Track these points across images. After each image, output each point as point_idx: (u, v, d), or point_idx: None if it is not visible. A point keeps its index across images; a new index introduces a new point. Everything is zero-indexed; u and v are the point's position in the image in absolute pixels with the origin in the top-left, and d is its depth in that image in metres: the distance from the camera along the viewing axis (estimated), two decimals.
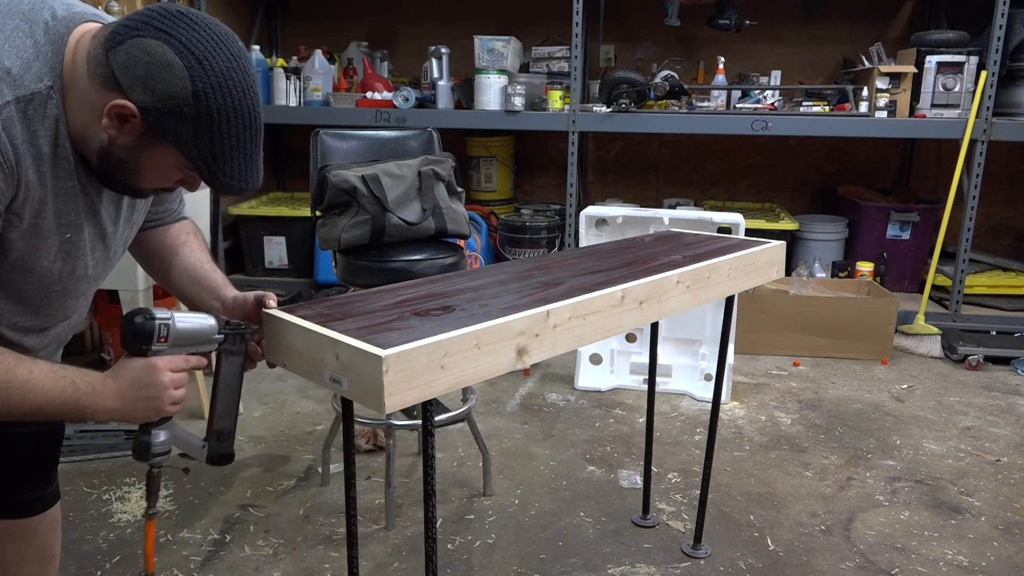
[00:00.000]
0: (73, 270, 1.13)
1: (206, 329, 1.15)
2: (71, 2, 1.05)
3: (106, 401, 1.07)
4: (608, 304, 1.37)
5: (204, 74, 0.96)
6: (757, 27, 4.29)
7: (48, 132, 1.00)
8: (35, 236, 1.04)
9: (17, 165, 0.97)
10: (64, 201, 1.05)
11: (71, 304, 1.19)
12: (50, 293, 1.13)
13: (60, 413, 1.06)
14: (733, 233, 2.95)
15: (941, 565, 2.08)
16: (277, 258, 4.40)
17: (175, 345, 1.11)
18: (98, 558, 2.04)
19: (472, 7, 4.68)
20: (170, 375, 1.10)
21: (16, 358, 1.02)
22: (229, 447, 1.22)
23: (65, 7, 1.03)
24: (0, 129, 0.94)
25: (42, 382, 1.02)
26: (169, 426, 1.15)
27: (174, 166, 1.03)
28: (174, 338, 1.11)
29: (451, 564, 2.05)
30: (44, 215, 1.03)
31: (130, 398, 1.08)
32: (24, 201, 1.00)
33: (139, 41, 0.95)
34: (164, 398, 1.10)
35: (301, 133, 3.39)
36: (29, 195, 1.00)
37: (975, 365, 3.56)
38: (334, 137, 2.51)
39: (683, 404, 3.14)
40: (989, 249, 4.49)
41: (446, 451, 2.68)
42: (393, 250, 2.32)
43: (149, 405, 1.10)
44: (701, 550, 2.11)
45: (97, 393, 1.07)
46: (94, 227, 1.13)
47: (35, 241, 1.05)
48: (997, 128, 3.69)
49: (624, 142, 4.86)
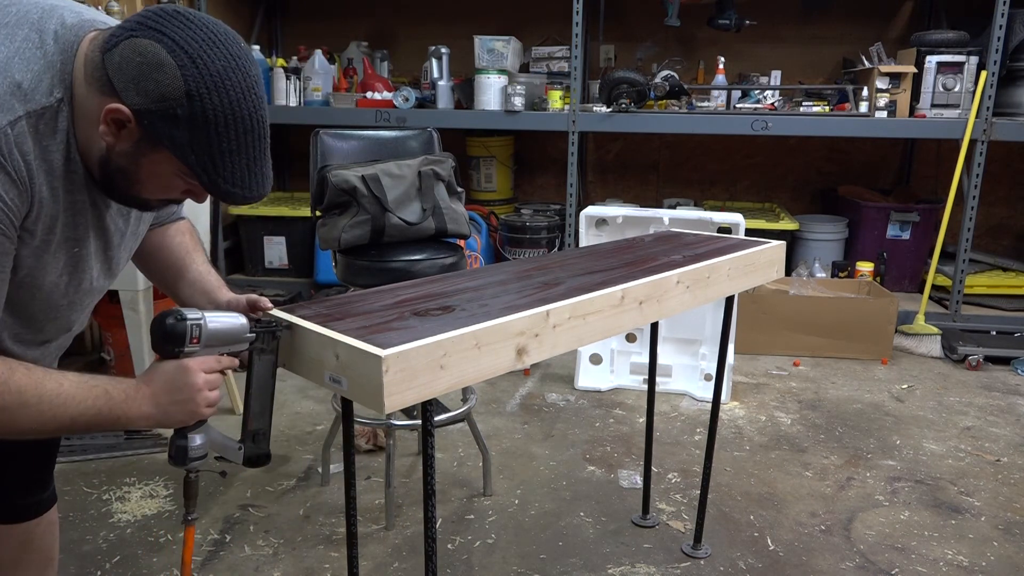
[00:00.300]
0: (79, 284, 1.11)
1: (237, 328, 1.12)
2: (80, 9, 1.03)
3: (140, 407, 1.05)
4: (608, 304, 1.37)
5: (198, 73, 0.92)
6: (757, 27, 4.29)
7: (60, 146, 0.97)
8: (45, 252, 1.02)
9: (31, 182, 0.95)
10: (74, 215, 1.03)
11: (75, 317, 1.18)
12: (56, 308, 1.11)
13: (94, 424, 1.03)
14: (733, 233, 2.95)
15: (941, 565, 2.08)
16: (277, 258, 4.40)
17: (207, 346, 1.09)
18: (98, 558, 2.04)
19: (472, 7, 4.68)
20: (204, 376, 1.07)
21: (44, 371, 0.99)
22: (265, 447, 1.20)
23: (74, 14, 1.00)
24: (13, 146, 0.92)
25: (73, 394, 0.99)
26: (204, 429, 1.13)
27: (174, 174, 0.99)
28: (206, 339, 1.08)
29: (451, 564, 2.05)
30: (55, 230, 1.01)
31: (164, 402, 1.06)
32: (37, 218, 0.98)
33: (132, 42, 0.92)
34: (199, 400, 1.07)
35: (301, 133, 3.38)
36: (42, 211, 0.98)
37: (975, 365, 3.56)
38: (334, 137, 2.51)
39: (683, 404, 3.14)
40: (989, 249, 4.49)
41: (446, 451, 2.68)
42: (393, 250, 2.32)
43: (184, 408, 1.07)
44: (701, 550, 2.11)
45: (131, 399, 1.04)
46: (99, 239, 1.10)
47: (45, 257, 1.03)
48: (997, 128, 3.69)
49: (624, 142, 4.86)
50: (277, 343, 1.16)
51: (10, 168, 0.92)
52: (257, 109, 0.97)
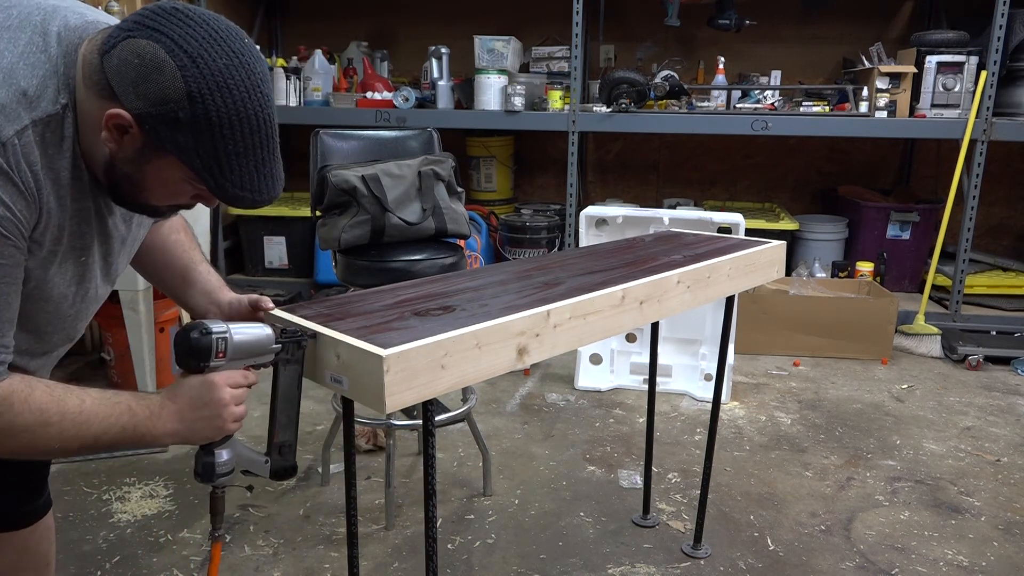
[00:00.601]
0: (86, 292, 1.09)
1: (263, 339, 1.09)
2: (83, 10, 1.00)
3: (166, 424, 1.02)
4: (608, 304, 1.37)
5: (199, 73, 0.88)
6: (757, 27, 4.29)
7: (66, 154, 0.94)
8: (52, 263, 1.00)
9: (38, 192, 0.92)
10: (79, 223, 1.00)
11: (80, 326, 1.16)
12: (64, 318, 1.09)
13: (119, 442, 1.00)
14: (733, 233, 2.95)
15: (941, 565, 2.08)
16: (277, 258, 4.40)
17: (233, 359, 1.06)
18: (98, 558, 2.04)
19: (472, 7, 4.68)
20: (230, 391, 1.05)
21: (65, 388, 0.96)
22: (292, 460, 1.18)
23: (78, 15, 0.97)
24: (20, 157, 0.89)
25: (96, 411, 0.97)
26: (230, 444, 1.10)
27: (182, 179, 0.95)
28: (232, 352, 1.05)
29: (451, 564, 2.05)
30: (61, 240, 0.99)
31: (190, 418, 1.03)
32: (44, 228, 0.95)
33: (130, 43, 0.88)
34: (225, 416, 1.05)
35: (301, 133, 3.38)
36: (50, 222, 0.95)
37: (975, 365, 3.56)
38: (334, 137, 2.51)
39: (683, 404, 3.14)
40: (989, 249, 4.49)
41: (446, 451, 2.68)
42: (393, 250, 2.32)
43: (211, 424, 1.04)
44: (701, 550, 2.11)
45: (155, 416, 1.01)
46: (102, 246, 1.08)
47: (51, 268, 1.00)
48: (997, 128, 3.69)
49: (624, 142, 4.86)
50: (303, 353, 1.13)
51: (17, 179, 0.89)
52: (263, 108, 0.93)
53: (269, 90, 0.95)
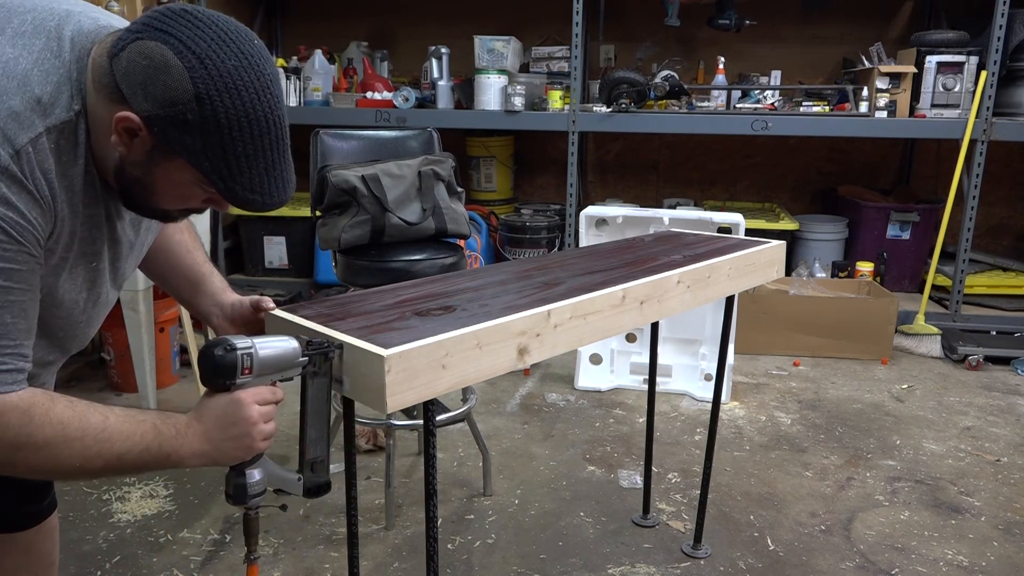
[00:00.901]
0: (97, 298, 1.08)
1: (290, 353, 1.05)
2: (96, 14, 0.99)
3: (192, 445, 0.99)
4: (608, 304, 1.37)
5: (207, 74, 0.87)
6: (757, 27, 4.29)
7: (79, 160, 0.94)
8: (63, 269, 0.99)
9: (53, 200, 0.91)
10: (90, 229, 0.99)
11: (90, 332, 1.15)
12: (76, 325, 1.08)
13: (142, 462, 0.96)
14: (733, 233, 2.95)
15: (941, 565, 2.08)
16: (277, 258, 4.40)
17: (259, 375, 1.02)
18: (98, 558, 2.04)
19: (472, 7, 4.68)
20: (258, 409, 1.01)
21: (87, 405, 0.94)
22: (325, 476, 1.13)
23: (91, 20, 0.97)
24: (35, 165, 0.88)
25: (120, 428, 0.94)
26: (261, 463, 1.07)
27: (192, 182, 0.94)
28: (258, 368, 1.01)
29: (451, 564, 2.05)
30: (72, 247, 0.98)
31: (218, 439, 1.00)
32: (58, 236, 0.95)
33: (138, 45, 0.88)
34: (254, 434, 1.02)
35: (301, 133, 3.37)
36: (63, 229, 0.95)
37: (975, 365, 3.56)
38: (334, 137, 2.51)
39: (683, 404, 3.14)
40: (989, 249, 4.49)
41: (446, 451, 2.68)
42: (393, 250, 2.32)
43: (239, 444, 1.01)
44: (701, 550, 2.11)
45: (181, 436, 0.98)
46: (111, 251, 1.07)
47: (63, 273, 1.00)
48: (997, 128, 3.69)
49: (624, 142, 4.86)
50: (330, 365, 1.08)
51: (32, 188, 0.89)
52: (273, 109, 0.92)
53: (279, 92, 0.94)
